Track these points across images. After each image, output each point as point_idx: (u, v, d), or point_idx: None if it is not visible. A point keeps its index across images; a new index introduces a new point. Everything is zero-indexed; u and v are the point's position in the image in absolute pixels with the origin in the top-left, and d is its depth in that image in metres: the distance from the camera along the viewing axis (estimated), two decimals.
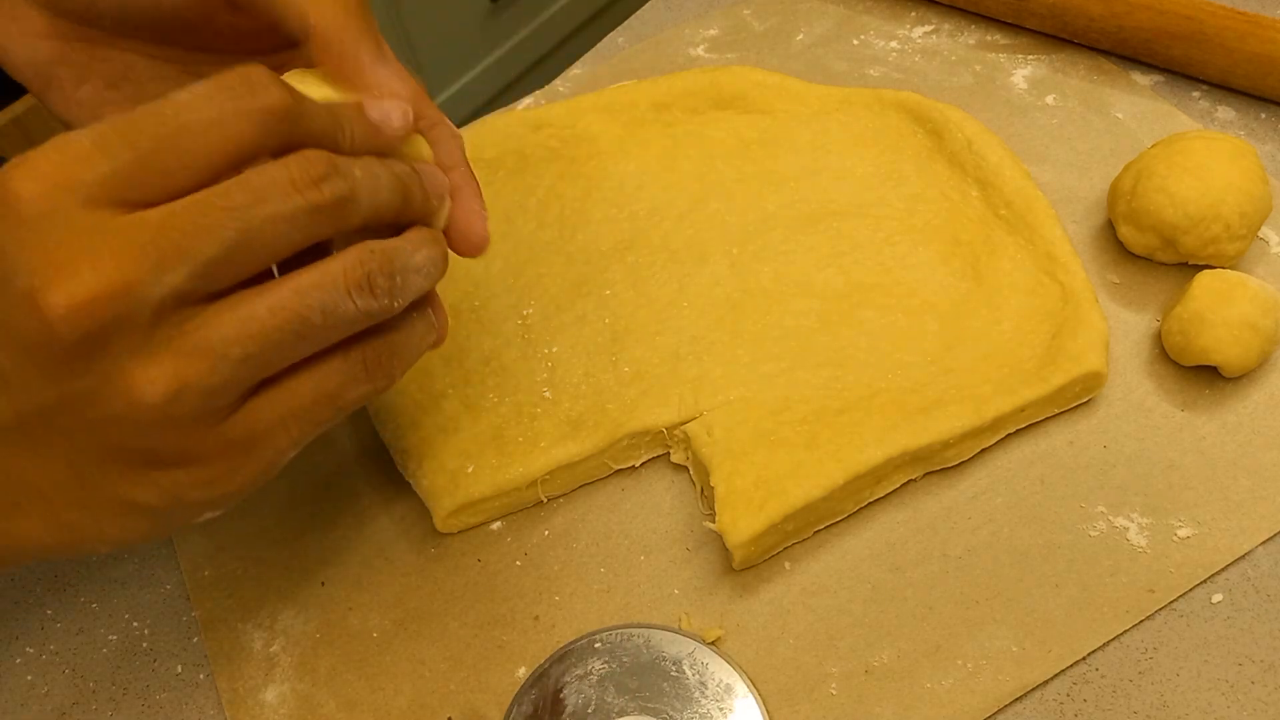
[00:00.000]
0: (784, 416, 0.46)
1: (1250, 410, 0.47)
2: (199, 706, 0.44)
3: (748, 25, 0.66)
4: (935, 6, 0.65)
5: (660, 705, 0.40)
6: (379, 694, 0.43)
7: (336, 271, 0.31)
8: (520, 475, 0.46)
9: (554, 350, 0.50)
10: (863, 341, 0.49)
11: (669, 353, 0.49)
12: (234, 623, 0.45)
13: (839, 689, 0.41)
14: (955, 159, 0.55)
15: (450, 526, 0.47)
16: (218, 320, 0.29)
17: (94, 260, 0.27)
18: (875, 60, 0.63)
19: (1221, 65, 0.57)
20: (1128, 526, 0.44)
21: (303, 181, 0.30)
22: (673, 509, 0.47)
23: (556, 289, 0.52)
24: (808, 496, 0.43)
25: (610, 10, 1.59)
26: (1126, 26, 0.59)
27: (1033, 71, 0.61)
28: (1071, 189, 0.55)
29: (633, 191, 0.56)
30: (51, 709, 0.44)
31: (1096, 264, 0.53)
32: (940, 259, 0.52)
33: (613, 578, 0.45)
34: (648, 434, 0.47)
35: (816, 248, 0.52)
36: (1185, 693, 0.41)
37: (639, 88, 0.59)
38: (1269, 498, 0.44)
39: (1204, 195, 0.48)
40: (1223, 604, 0.43)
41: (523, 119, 0.58)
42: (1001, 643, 0.42)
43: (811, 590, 0.44)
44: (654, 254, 0.53)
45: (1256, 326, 0.46)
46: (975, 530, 0.45)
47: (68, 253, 0.27)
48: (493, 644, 0.44)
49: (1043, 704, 0.41)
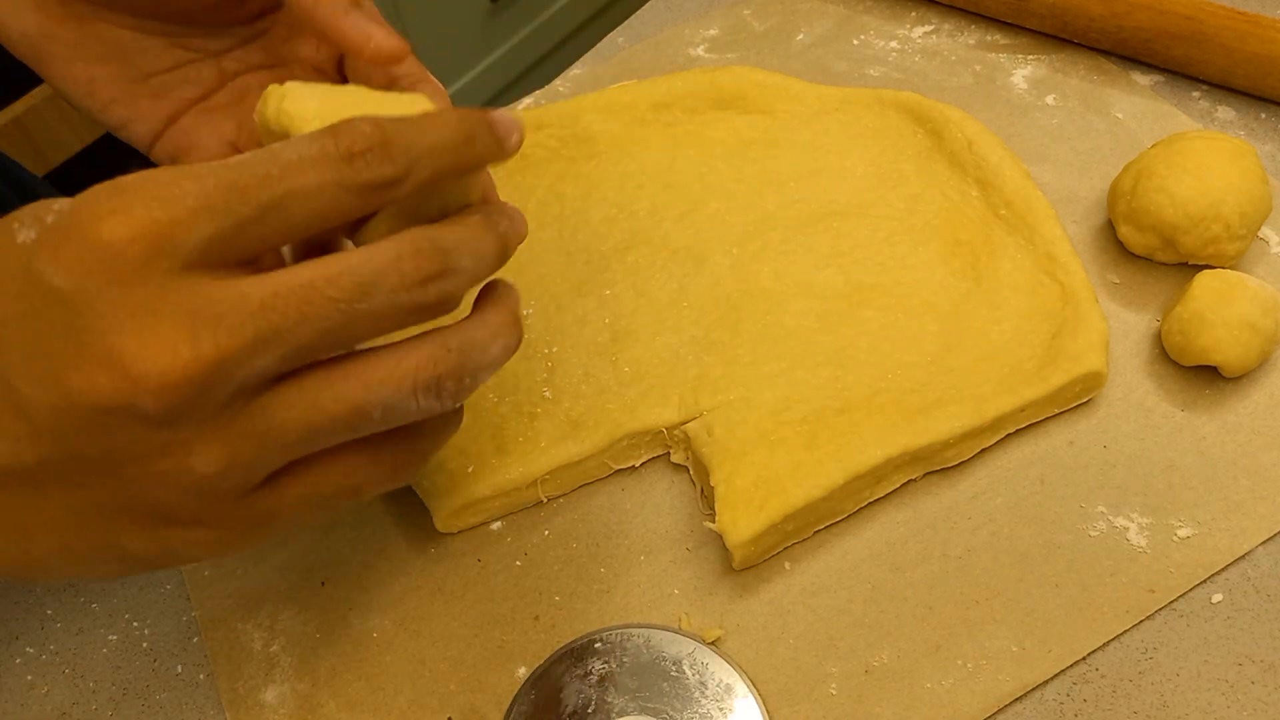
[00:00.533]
0: (784, 416, 0.46)
1: (1250, 410, 0.47)
2: (199, 706, 0.44)
3: (748, 25, 0.66)
4: (935, 6, 0.65)
5: (660, 705, 0.40)
6: (379, 694, 0.43)
7: (409, 369, 0.30)
8: (520, 475, 0.46)
9: (554, 350, 0.50)
10: (863, 341, 0.49)
11: (669, 353, 0.49)
12: (234, 623, 0.45)
13: (839, 689, 0.41)
14: (955, 159, 0.55)
15: (450, 526, 0.47)
16: (285, 405, 0.28)
17: (193, 337, 0.26)
18: (875, 60, 0.63)
19: (1221, 65, 0.57)
20: (1128, 526, 0.44)
21: (413, 279, 0.29)
22: (673, 509, 0.47)
23: (556, 289, 0.52)
24: (808, 496, 0.43)
25: (610, 10, 1.59)
26: (1126, 26, 0.59)
27: (1033, 71, 0.61)
28: (1071, 189, 0.55)
29: (633, 191, 0.56)
30: (51, 709, 0.44)
31: (1096, 264, 0.53)
32: (940, 259, 0.52)
33: (613, 578, 0.45)
34: (648, 434, 0.47)
35: (816, 248, 0.52)
36: (1185, 693, 0.41)
37: (639, 88, 0.59)
38: (1269, 498, 0.44)
39: (1204, 195, 0.48)
40: (1223, 604, 0.43)
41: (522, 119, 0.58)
42: (1001, 643, 0.42)
43: (811, 590, 0.44)
44: (654, 254, 0.53)
45: (1256, 326, 0.46)
46: (975, 530, 0.45)
47: (165, 324, 0.26)
48: (493, 644, 0.44)
49: (1043, 704, 0.41)
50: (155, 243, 0.26)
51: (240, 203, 0.27)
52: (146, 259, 0.26)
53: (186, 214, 0.27)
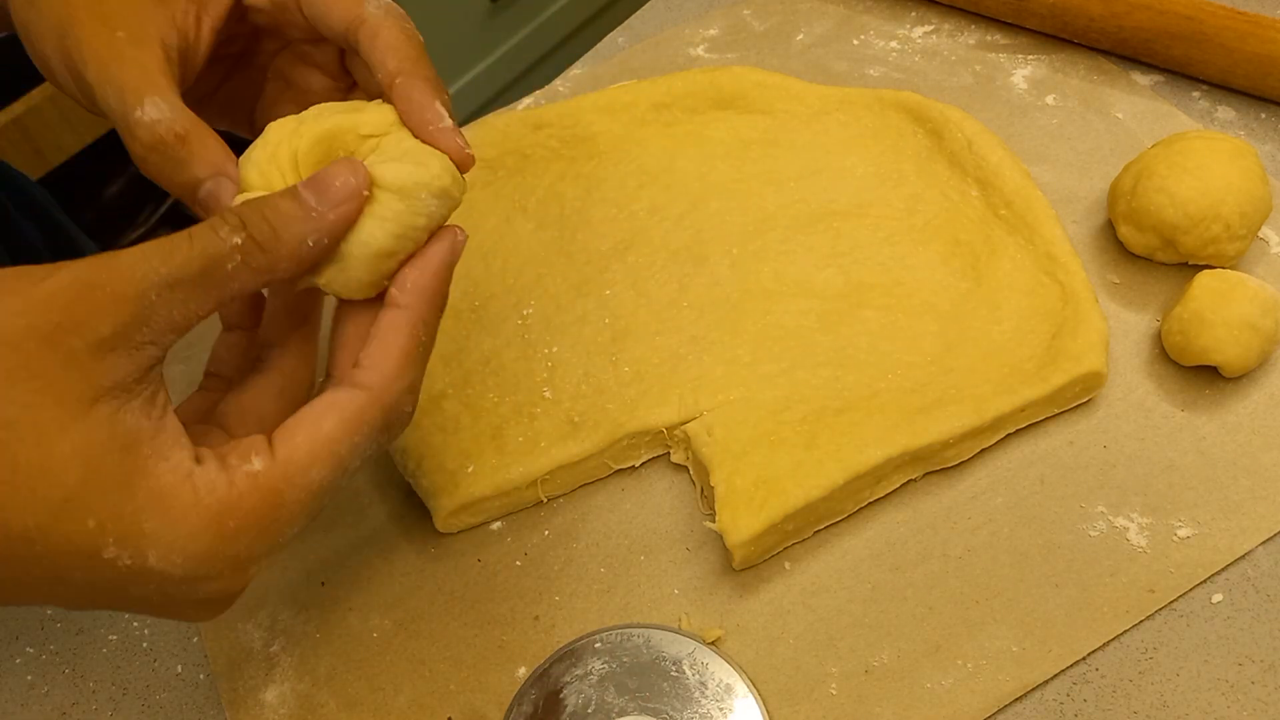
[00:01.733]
0: (784, 416, 0.46)
1: (1250, 410, 0.47)
2: (199, 706, 0.44)
3: (748, 25, 0.66)
4: (935, 6, 0.65)
5: (660, 705, 0.40)
6: (379, 694, 0.43)
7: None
8: (520, 475, 0.46)
9: (554, 350, 0.50)
10: (863, 341, 0.49)
11: (669, 353, 0.49)
12: (234, 623, 0.45)
13: (839, 689, 0.41)
14: (955, 159, 0.55)
15: (450, 526, 0.47)
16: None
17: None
18: (875, 60, 0.63)
19: (1221, 65, 0.57)
20: (1128, 526, 0.44)
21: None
22: (673, 509, 0.47)
23: (556, 289, 0.52)
24: (808, 496, 0.43)
25: (610, 10, 1.59)
26: (1126, 26, 0.59)
27: (1033, 71, 0.61)
28: (1071, 189, 0.55)
29: (633, 191, 0.56)
30: (51, 709, 0.44)
31: (1096, 264, 0.52)
32: (940, 259, 0.52)
33: (613, 578, 0.45)
34: (648, 434, 0.47)
35: (816, 248, 0.52)
36: (1185, 693, 0.41)
37: (639, 88, 0.59)
38: (1269, 498, 0.44)
39: (1204, 195, 0.48)
40: (1223, 604, 0.43)
41: (523, 119, 0.58)
42: (1001, 643, 0.42)
43: (811, 590, 0.44)
44: (654, 254, 0.53)
45: (1256, 326, 0.46)
46: (975, 530, 0.45)
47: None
48: (493, 644, 0.44)
49: (1043, 704, 0.41)
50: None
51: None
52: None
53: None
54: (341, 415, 0.32)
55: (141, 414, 0.29)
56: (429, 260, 0.35)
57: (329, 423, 0.32)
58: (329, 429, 0.32)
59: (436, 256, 0.35)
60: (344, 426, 0.32)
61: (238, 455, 0.31)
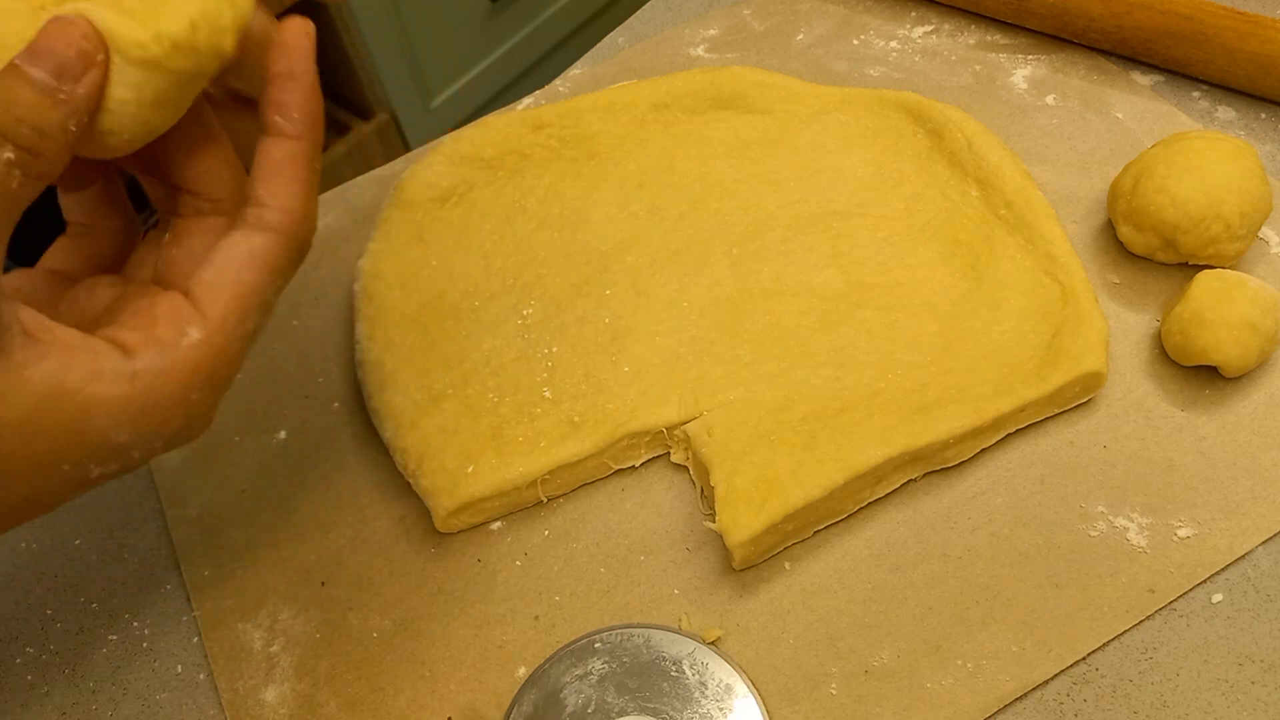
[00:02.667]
0: (784, 416, 0.46)
1: (1250, 410, 0.47)
2: (199, 706, 0.44)
3: (748, 25, 0.66)
4: (935, 6, 0.65)
5: (660, 705, 0.40)
6: (379, 694, 0.43)
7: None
8: (520, 475, 0.46)
9: (554, 350, 0.50)
10: (863, 341, 0.49)
11: (669, 353, 0.49)
12: (234, 623, 0.45)
13: (839, 689, 0.41)
14: (955, 159, 0.55)
15: (450, 526, 0.47)
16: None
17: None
18: (875, 60, 0.63)
19: (1221, 65, 0.57)
20: (1128, 526, 0.44)
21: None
22: (673, 509, 0.47)
23: (556, 289, 0.52)
24: (808, 496, 0.43)
25: (610, 10, 1.59)
26: (1126, 26, 0.59)
27: (1033, 71, 0.61)
28: (1071, 189, 0.55)
29: (633, 191, 0.56)
30: (51, 709, 0.44)
31: (1096, 264, 0.53)
32: (940, 259, 0.52)
33: (613, 578, 0.45)
34: (648, 434, 0.47)
35: (816, 248, 0.52)
36: (1185, 693, 0.41)
37: (639, 88, 0.59)
38: (1269, 498, 0.44)
39: (1204, 195, 0.48)
40: (1223, 604, 0.43)
41: (523, 119, 0.59)
42: (1001, 643, 0.42)
43: (811, 590, 0.44)
44: (654, 254, 0.53)
45: (1256, 326, 0.46)
46: (975, 530, 0.45)
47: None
48: (493, 644, 0.44)
49: (1043, 704, 0.41)
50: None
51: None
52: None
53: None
54: (262, 263, 0.33)
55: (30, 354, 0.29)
56: (303, 79, 0.33)
57: (251, 274, 0.33)
58: (252, 280, 0.33)
59: (309, 74, 0.33)
60: (266, 274, 0.33)
61: (171, 329, 0.32)
